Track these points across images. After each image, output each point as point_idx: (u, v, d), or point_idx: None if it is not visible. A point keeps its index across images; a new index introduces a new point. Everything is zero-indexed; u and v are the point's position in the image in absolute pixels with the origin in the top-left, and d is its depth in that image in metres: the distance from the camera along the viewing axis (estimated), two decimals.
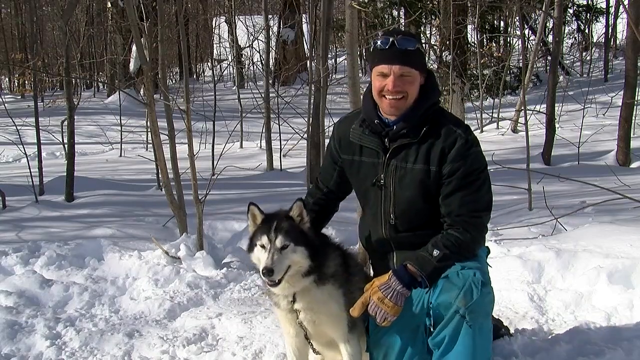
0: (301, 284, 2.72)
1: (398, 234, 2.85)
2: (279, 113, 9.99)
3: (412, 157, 2.75)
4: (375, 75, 2.77)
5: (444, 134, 2.72)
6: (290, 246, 2.64)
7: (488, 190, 2.74)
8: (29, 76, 17.53)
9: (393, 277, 2.62)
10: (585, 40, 19.48)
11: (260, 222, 2.77)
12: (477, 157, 2.71)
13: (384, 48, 2.70)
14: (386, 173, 2.80)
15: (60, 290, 4.46)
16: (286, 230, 2.67)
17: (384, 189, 2.82)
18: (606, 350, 3.19)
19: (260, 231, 2.71)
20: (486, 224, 2.75)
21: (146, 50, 5.72)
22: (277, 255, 2.61)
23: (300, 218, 2.74)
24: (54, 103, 17.88)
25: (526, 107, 7.53)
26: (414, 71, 2.72)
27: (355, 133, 2.89)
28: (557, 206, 5.80)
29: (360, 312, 2.67)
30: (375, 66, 2.76)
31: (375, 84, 2.77)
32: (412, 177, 2.74)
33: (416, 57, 2.73)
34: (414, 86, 2.74)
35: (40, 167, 8.13)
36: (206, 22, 25.03)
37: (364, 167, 2.89)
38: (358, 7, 5.44)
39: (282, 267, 2.62)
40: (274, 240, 2.64)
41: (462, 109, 13.11)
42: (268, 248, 2.64)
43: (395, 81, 2.69)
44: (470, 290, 2.51)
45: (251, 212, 2.81)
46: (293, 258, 2.65)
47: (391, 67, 2.69)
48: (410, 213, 2.80)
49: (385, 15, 16.86)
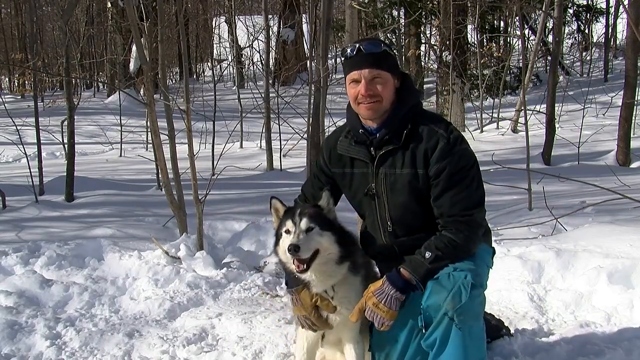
0: (338, 273, 2.68)
1: (398, 239, 2.85)
2: (279, 113, 10.00)
3: (399, 163, 2.75)
4: (348, 84, 2.80)
5: (425, 135, 2.72)
6: (316, 229, 2.61)
7: (478, 186, 2.71)
8: (29, 76, 17.53)
9: (387, 282, 2.63)
10: (585, 40, 19.49)
11: (284, 213, 2.75)
12: (463, 155, 2.69)
13: (352, 55, 2.75)
14: (377, 182, 2.81)
15: (60, 290, 4.46)
16: (311, 214, 2.65)
17: (377, 198, 2.83)
18: (606, 350, 3.19)
19: (285, 218, 2.69)
20: (480, 221, 2.72)
21: (146, 50, 5.72)
22: (303, 236, 2.58)
23: (328, 207, 2.74)
24: (54, 103, 17.90)
25: (526, 107, 7.53)
26: (385, 73, 2.74)
27: (342, 145, 2.91)
28: (557, 206, 5.80)
29: (358, 317, 2.67)
30: (347, 75, 2.80)
31: (350, 92, 2.80)
32: (402, 182, 2.74)
33: (385, 59, 2.75)
34: (387, 88, 2.75)
35: (40, 167, 8.13)
36: (206, 22, 25.06)
37: (355, 178, 2.90)
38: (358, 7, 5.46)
39: (309, 247, 2.57)
40: (299, 222, 2.61)
41: (462, 109, 13.13)
42: (293, 230, 2.61)
43: (367, 85, 2.72)
44: (459, 293, 2.51)
45: (273, 206, 2.79)
46: (321, 242, 2.61)
47: (361, 72, 2.73)
48: (407, 218, 2.80)
49: (385, 15, 16.88)
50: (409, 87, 2.85)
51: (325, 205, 2.74)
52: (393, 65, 2.80)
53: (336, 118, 10.26)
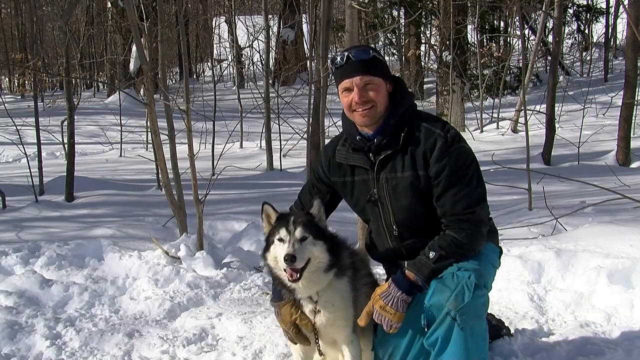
0: (325, 280, 2.69)
1: (404, 242, 2.85)
2: (279, 113, 10.00)
3: (399, 166, 2.75)
4: (341, 93, 2.81)
5: (423, 136, 2.72)
6: (310, 239, 2.62)
7: (478, 184, 2.71)
8: (29, 76, 17.52)
9: (392, 285, 2.64)
10: (585, 40, 19.49)
11: (275, 219, 2.75)
12: (461, 153, 2.69)
13: (342, 64, 2.76)
14: (378, 187, 2.81)
15: (60, 290, 4.46)
16: (305, 223, 2.64)
17: (380, 204, 2.83)
18: (606, 350, 3.19)
19: (278, 226, 2.69)
20: (484, 218, 2.72)
21: (146, 50, 5.72)
22: (298, 245, 2.58)
23: (320, 215, 2.73)
24: (54, 103, 17.90)
25: (526, 107, 7.53)
26: (376, 78, 2.75)
27: (340, 153, 2.91)
28: (557, 206, 5.80)
29: (367, 321, 2.70)
30: (339, 84, 2.80)
31: (343, 100, 2.80)
32: (404, 185, 2.74)
33: (375, 65, 2.76)
34: (380, 94, 2.75)
35: (40, 167, 8.13)
36: (206, 22, 25.05)
37: (356, 186, 2.90)
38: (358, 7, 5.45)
39: (303, 256, 2.58)
40: (293, 231, 2.61)
41: (462, 109, 13.14)
42: (287, 239, 2.61)
43: (359, 92, 2.73)
44: (462, 293, 2.51)
45: (265, 212, 2.79)
46: (313, 251, 2.62)
47: (352, 80, 2.74)
48: (412, 220, 2.80)
49: (385, 15, 16.90)
50: (402, 90, 2.85)
51: (316, 213, 2.72)
52: (384, 70, 2.81)
53: (336, 118, 10.18)
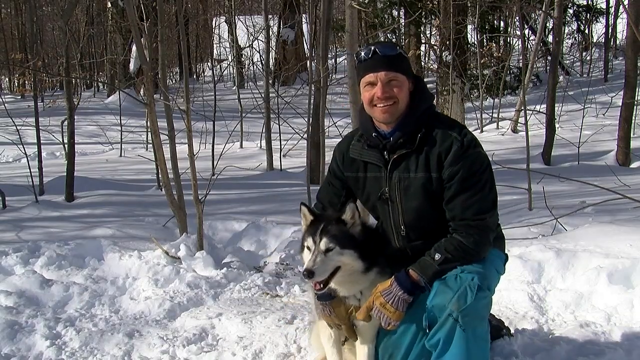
0: (365, 280, 2.70)
1: (411, 243, 2.85)
2: (279, 113, 10.00)
3: (413, 166, 2.74)
4: (363, 87, 2.78)
5: (439, 138, 2.71)
6: (336, 249, 2.61)
7: (490, 191, 2.71)
8: (29, 76, 17.50)
9: (395, 283, 2.63)
10: (585, 40, 19.49)
11: (310, 222, 2.76)
12: (476, 159, 2.69)
13: (367, 58, 2.73)
14: (390, 186, 2.79)
15: (60, 290, 4.45)
16: (333, 234, 2.63)
17: (391, 202, 2.81)
18: (606, 350, 3.19)
19: (308, 232, 2.70)
20: (491, 225, 2.73)
21: (146, 50, 5.72)
22: (321, 258, 2.58)
23: (352, 221, 2.70)
24: (54, 103, 17.89)
25: (526, 107, 7.53)
26: (401, 75, 2.74)
27: (355, 149, 2.90)
28: (557, 206, 5.80)
29: (365, 316, 2.69)
30: (362, 78, 2.78)
31: (364, 95, 2.78)
32: (416, 186, 2.73)
33: (400, 62, 2.75)
34: (402, 91, 2.74)
35: (40, 167, 8.13)
36: (206, 22, 25.05)
37: (368, 182, 2.88)
38: (358, 7, 5.46)
39: (326, 269, 2.59)
40: (318, 242, 2.62)
41: (462, 109, 13.13)
42: (312, 250, 2.62)
43: (383, 87, 2.71)
44: (464, 295, 2.51)
45: (302, 213, 2.80)
46: (341, 260, 2.61)
47: (377, 75, 2.72)
48: (420, 222, 2.79)
49: (385, 15, 16.90)
50: (423, 90, 2.83)
51: (348, 219, 2.69)
52: (408, 68, 2.80)
53: (336, 118, 10.27)
